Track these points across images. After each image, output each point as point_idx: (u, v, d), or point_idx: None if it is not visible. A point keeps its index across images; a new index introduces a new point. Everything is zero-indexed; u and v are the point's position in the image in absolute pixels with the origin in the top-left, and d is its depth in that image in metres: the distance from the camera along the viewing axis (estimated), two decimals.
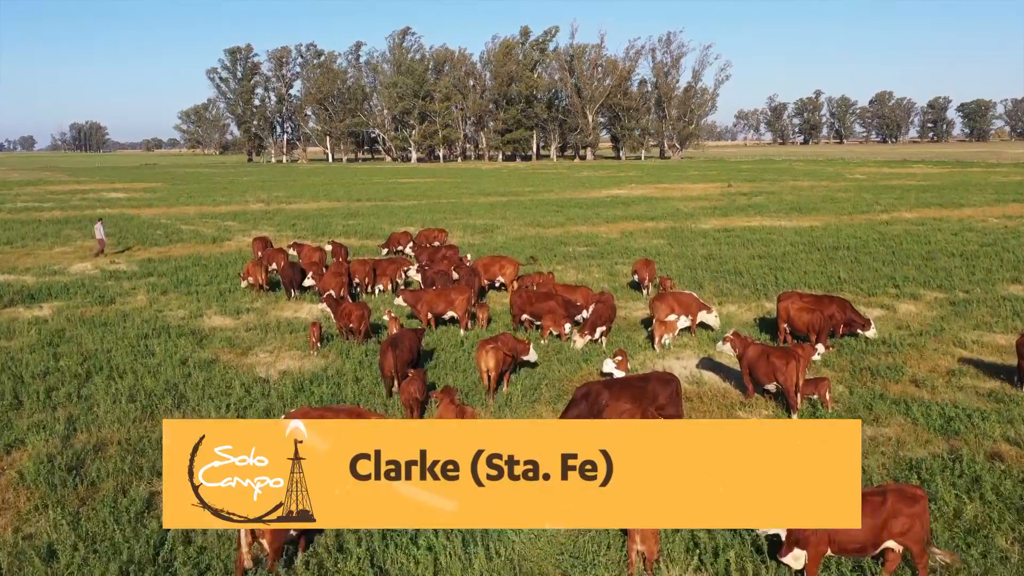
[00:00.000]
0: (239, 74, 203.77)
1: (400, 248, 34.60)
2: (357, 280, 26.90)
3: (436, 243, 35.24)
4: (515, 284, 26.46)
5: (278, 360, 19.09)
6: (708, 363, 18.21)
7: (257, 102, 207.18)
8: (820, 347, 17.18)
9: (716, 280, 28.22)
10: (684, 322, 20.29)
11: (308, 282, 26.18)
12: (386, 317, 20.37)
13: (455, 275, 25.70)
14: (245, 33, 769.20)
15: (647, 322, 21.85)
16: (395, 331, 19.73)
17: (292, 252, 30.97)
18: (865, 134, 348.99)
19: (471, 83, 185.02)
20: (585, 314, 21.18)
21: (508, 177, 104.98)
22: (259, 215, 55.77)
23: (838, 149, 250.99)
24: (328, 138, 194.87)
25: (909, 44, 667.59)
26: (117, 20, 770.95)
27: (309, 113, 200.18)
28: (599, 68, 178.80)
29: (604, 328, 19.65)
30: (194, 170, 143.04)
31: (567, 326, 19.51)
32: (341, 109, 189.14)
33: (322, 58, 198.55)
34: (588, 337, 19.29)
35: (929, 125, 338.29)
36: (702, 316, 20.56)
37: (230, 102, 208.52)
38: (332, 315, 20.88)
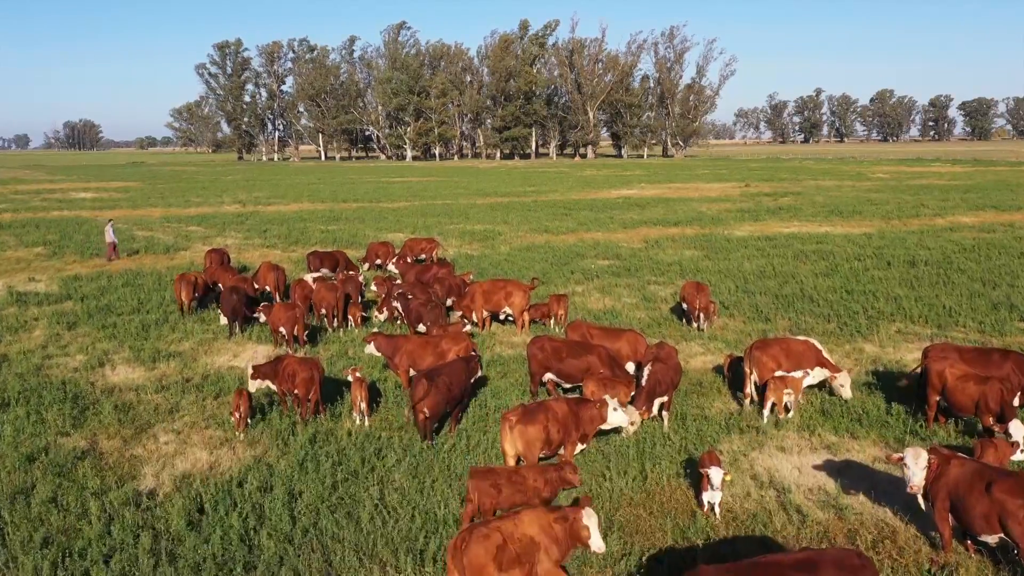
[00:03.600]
0: (228, 69, 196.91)
1: (380, 263, 28.34)
2: (324, 311, 20.62)
3: (423, 256, 29.08)
4: (526, 316, 20.23)
5: (184, 449, 12.81)
6: (834, 464, 11.95)
7: (248, 98, 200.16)
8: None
9: (784, 308, 21.98)
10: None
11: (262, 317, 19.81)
12: (349, 377, 14.16)
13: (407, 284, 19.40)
14: (243, 29, 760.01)
15: (730, 374, 15.61)
16: (360, 398, 13.58)
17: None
18: (866, 133, 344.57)
19: (468, 79, 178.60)
20: (630, 366, 15.05)
21: (507, 176, 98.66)
22: (230, 219, 49.45)
23: (841, 148, 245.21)
24: (321, 136, 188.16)
25: (910, 42, 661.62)
26: (114, 18, 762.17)
27: (301, 110, 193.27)
28: (600, 63, 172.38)
29: (666, 399, 13.42)
30: (180, 168, 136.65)
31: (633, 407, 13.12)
32: (334, 106, 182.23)
33: (315, 53, 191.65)
34: (645, 415, 13.05)
35: (930, 124, 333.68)
36: (819, 375, 14.32)
37: (219, 98, 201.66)
38: (272, 369, 14.53)
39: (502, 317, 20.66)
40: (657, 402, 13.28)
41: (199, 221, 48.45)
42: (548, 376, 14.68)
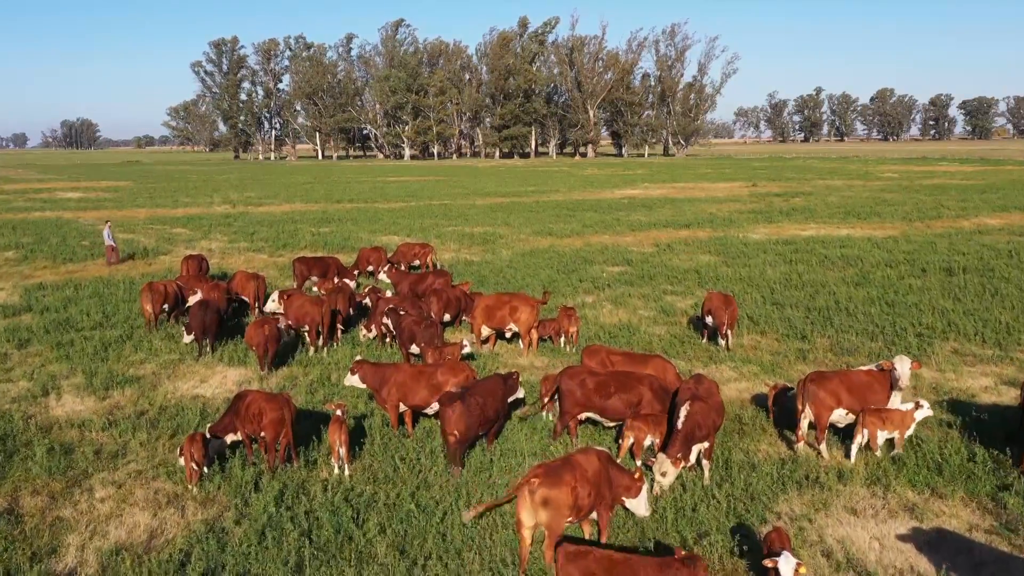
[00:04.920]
0: (224, 67, 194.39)
1: (371, 270, 26.05)
2: (306, 327, 18.31)
3: (417, 263, 26.85)
4: (534, 334, 17.95)
5: (122, 510, 10.51)
6: (923, 535, 9.67)
7: (244, 97, 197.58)
8: None
9: (821, 324, 19.68)
10: (846, 417, 11.95)
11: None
12: (332, 411, 11.87)
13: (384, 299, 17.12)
14: (241, 26, 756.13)
15: (776, 408, 13.34)
16: (339, 442, 11.34)
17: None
18: (866, 132, 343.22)
19: (467, 77, 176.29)
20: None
21: (507, 175, 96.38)
22: (218, 220, 47.11)
23: (842, 147, 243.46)
24: (318, 134, 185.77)
25: (911, 41, 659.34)
26: (112, 16, 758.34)
27: (298, 108, 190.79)
28: (600, 61, 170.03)
29: (706, 445, 11.15)
30: (174, 168, 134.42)
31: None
32: (331, 104, 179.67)
33: (311, 51, 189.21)
34: (682, 464, 10.76)
35: (931, 123, 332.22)
36: (925, 413, 12.02)
37: (216, 97, 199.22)
38: (232, 415, 12.21)
39: (507, 335, 18.39)
40: (696, 449, 11.02)
41: (185, 223, 46.14)
42: (587, 415, 12.42)
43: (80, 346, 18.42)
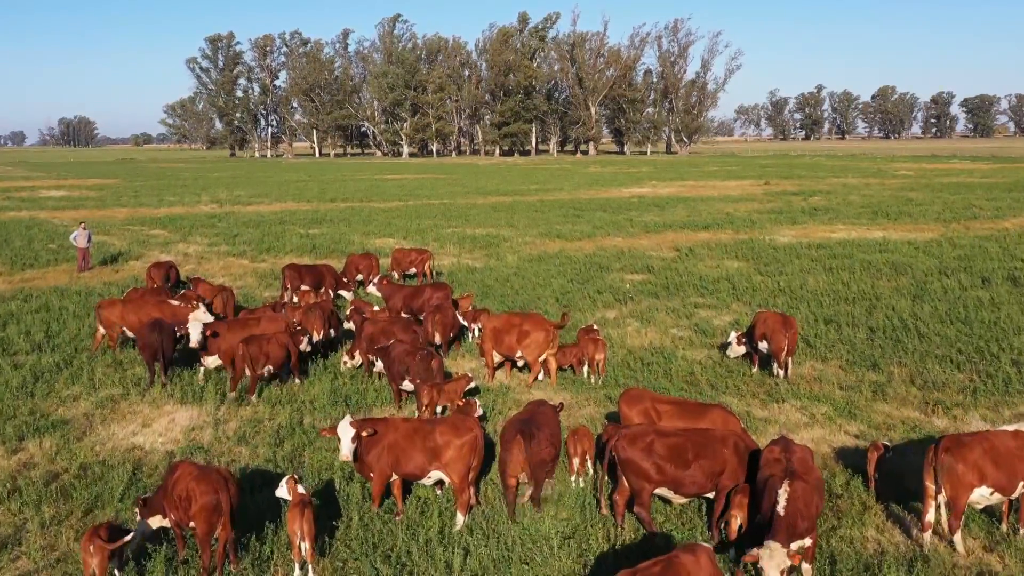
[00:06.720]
0: (220, 63, 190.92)
1: (361, 278, 22.91)
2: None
3: (413, 270, 23.78)
4: (552, 363, 14.86)
5: None
6: None
7: (240, 93, 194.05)
8: None
9: (891, 349, 16.57)
10: (990, 497, 8.87)
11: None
12: (285, 492, 8.77)
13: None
14: (239, 22, 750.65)
15: (877, 474, 10.23)
16: (300, 533, 8.27)
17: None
18: (868, 130, 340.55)
19: (466, 73, 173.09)
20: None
21: (508, 173, 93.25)
22: (201, 220, 43.98)
23: (845, 145, 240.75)
24: (315, 132, 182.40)
25: (912, 38, 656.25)
26: (112, 13, 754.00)
27: (295, 105, 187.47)
28: (602, 58, 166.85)
29: (809, 543, 8.07)
30: (168, 165, 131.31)
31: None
32: (328, 101, 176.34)
33: (308, 47, 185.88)
34: (782, 563, 7.65)
35: (932, 121, 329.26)
36: None
37: (211, 93, 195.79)
38: (162, 492, 9.08)
39: (519, 364, 15.30)
40: (797, 547, 7.93)
41: (166, 223, 42.98)
42: (659, 490, 9.30)
43: (7, 376, 15.31)
